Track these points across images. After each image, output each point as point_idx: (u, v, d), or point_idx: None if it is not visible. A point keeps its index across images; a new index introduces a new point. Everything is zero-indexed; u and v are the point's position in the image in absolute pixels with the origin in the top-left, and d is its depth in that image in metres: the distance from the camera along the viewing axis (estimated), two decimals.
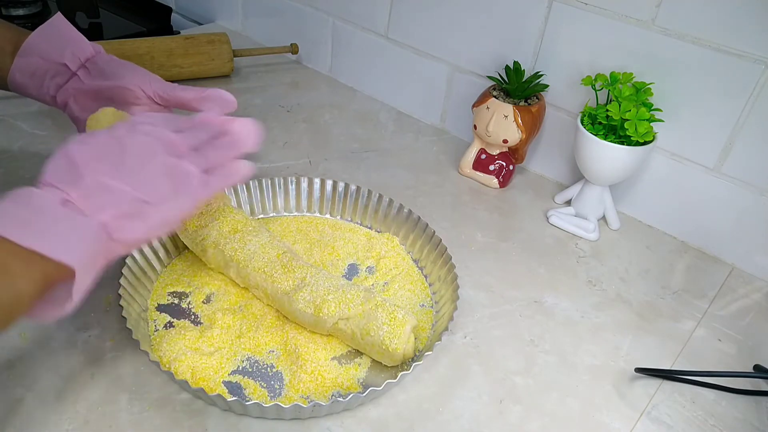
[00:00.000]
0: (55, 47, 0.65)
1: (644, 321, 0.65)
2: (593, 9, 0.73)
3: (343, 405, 0.50)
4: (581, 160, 0.73)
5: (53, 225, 0.41)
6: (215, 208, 0.62)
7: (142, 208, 0.45)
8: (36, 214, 0.41)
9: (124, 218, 0.44)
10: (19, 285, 0.39)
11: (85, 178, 0.44)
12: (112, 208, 0.44)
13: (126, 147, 0.46)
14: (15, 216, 0.41)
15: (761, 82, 0.65)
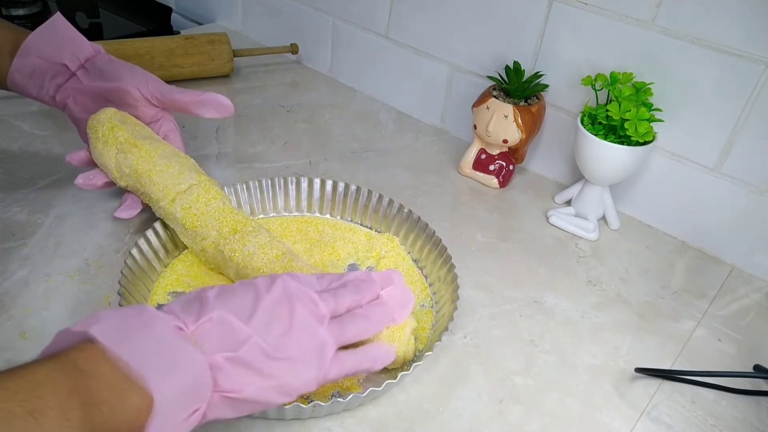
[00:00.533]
0: (55, 47, 0.65)
1: (644, 321, 0.65)
2: (593, 9, 0.73)
3: (343, 405, 0.50)
4: (581, 160, 0.73)
5: (153, 344, 0.36)
6: (215, 207, 0.62)
7: (261, 361, 0.39)
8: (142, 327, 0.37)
9: (238, 366, 0.39)
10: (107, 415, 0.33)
11: (209, 312, 0.39)
12: (228, 349, 0.39)
13: (262, 297, 0.42)
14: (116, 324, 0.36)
15: (761, 82, 0.65)
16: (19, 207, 0.69)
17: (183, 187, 0.62)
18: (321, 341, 0.43)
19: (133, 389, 0.35)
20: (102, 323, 0.36)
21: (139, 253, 0.60)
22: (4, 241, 0.64)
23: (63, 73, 0.66)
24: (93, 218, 0.69)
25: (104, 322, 0.36)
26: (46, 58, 0.65)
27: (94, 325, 0.36)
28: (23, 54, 0.64)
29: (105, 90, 0.65)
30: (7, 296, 0.58)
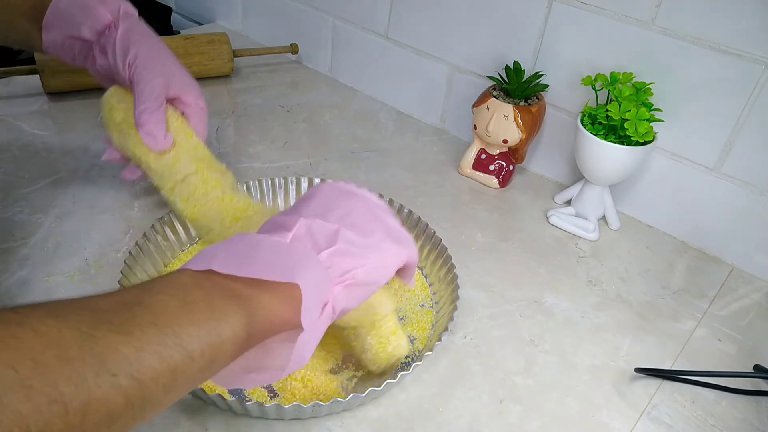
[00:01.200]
0: (71, 20, 0.61)
1: (644, 321, 0.65)
2: (593, 9, 0.73)
3: (343, 405, 0.50)
4: (581, 160, 0.73)
5: (275, 256, 0.39)
6: (214, 197, 0.61)
7: (356, 247, 0.44)
8: (255, 249, 0.39)
9: (341, 256, 0.42)
10: (221, 324, 0.35)
11: (298, 221, 0.43)
12: (328, 245, 0.42)
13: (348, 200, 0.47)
14: (232, 252, 0.39)
15: (761, 82, 0.65)
16: (19, 207, 0.69)
17: (179, 176, 0.61)
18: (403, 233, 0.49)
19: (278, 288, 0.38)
20: (219, 257, 0.38)
21: (139, 252, 0.60)
22: (4, 241, 0.64)
23: (87, 47, 0.63)
24: (93, 218, 0.69)
25: (220, 256, 0.38)
26: (67, 33, 0.62)
27: (214, 260, 0.38)
28: (47, 28, 0.62)
29: (111, 76, 0.63)
30: (7, 296, 0.58)
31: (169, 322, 0.32)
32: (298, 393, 0.52)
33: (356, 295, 0.45)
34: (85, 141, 0.81)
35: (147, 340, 0.31)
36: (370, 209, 0.48)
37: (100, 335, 0.29)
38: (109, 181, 0.75)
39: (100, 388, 0.28)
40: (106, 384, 0.28)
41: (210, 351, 0.34)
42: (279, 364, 0.40)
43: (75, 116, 0.86)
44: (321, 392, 0.53)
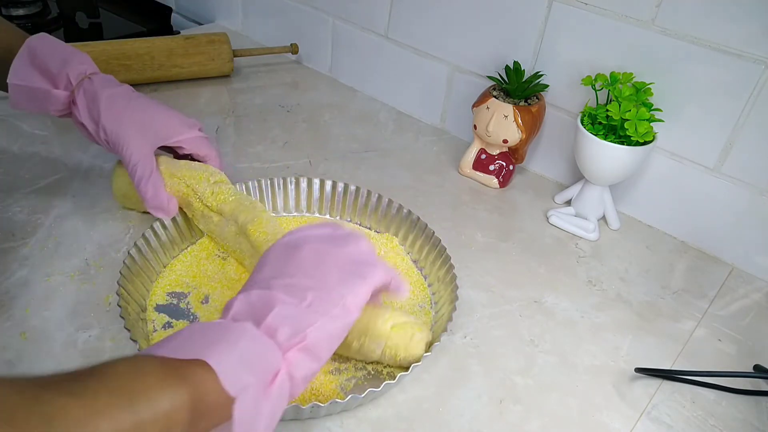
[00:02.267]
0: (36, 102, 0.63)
1: (644, 321, 0.65)
2: (593, 9, 0.73)
3: (342, 406, 0.50)
4: (581, 160, 0.73)
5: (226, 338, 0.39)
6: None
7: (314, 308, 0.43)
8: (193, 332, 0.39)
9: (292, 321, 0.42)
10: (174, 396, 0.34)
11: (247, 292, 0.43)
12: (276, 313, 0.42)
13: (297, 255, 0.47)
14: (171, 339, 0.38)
15: (761, 82, 0.65)
16: (19, 207, 0.69)
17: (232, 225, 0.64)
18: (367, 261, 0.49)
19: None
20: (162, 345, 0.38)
21: (138, 253, 0.60)
22: (4, 241, 0.64)
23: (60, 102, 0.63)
24: (93, 218, 0.69)
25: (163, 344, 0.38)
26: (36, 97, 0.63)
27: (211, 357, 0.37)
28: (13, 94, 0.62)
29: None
30: (7, 296, 0.58)
31: (122, 388, 0.32)
32: None
33: (318, 352, 0.43)
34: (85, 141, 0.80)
35: (99, 404, 0.30)
36: (318, 255, 0.47)
37: (49, 398, 0.29)
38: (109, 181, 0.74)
39: None
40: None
41: (163, 420, 0.33)
42: None
43: None
44: (320, 393, 0.53)
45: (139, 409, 0.32)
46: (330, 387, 0.53)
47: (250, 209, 0.62)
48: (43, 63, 0.62)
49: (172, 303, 0.60)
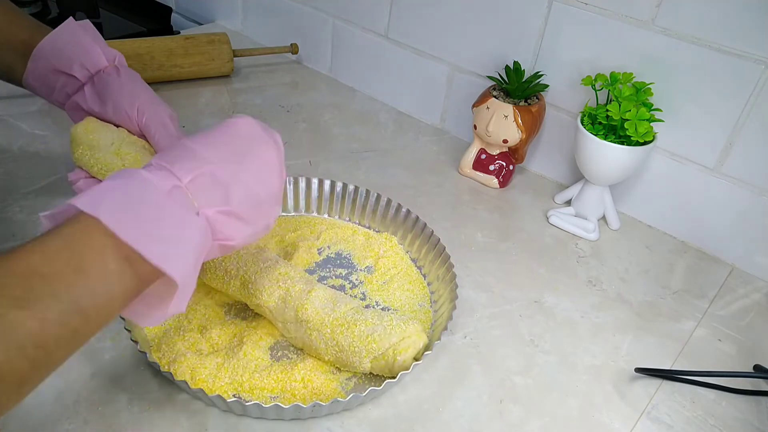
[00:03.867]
0: (65, 57, 0.63)
1: (644, 321, 0.65)
2: (593, 9, 0.73)
3: (343, 405, 0.50)
4: (581, 160, 0.73)
5: (159, 221, 0.38)
6: None
7: (247, 211, 0.44)
8: (141, 204, 0.38)
9: (230, 217, 0.43)
10: (113, 284, 0.36)
11: (201, 166, 0.42)
12: (221, 204, 0.42)
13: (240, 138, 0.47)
14: (119, 202, 0.38)
15: (761, 82, 0.65)
16: (19, 207, 0.69)
17: None
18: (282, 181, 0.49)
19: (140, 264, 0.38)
20: (106, 203, 0.37)
21: None
22: (4, 241, 0.64)
23: (72, 83, 0.64)
24: None
25: (107, 202, 0.37)
26: (56, 66, 0.63)
27: (102, 206, 0.37)
28: (35, 58, 0.62)
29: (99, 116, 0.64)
30: None
31: (67, 289, 0.34)
32: (298, 393, 0.52)
33: (227, 251, 0.45)
34: None
35: (49, 311, 0.33)
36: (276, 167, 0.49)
37: (3, 312, 0.32)
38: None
39: (8, 361, 0.31)
40: (14, 356, 0.31)
41: (105, 309, 0.37)
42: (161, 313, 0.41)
43: None
44: (321, 392, 0.53)
45: (84, 307, 0.35)
46: (331, 386, 0.53)
47: None
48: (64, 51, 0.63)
49: None
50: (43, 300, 0.33)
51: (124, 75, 0.64)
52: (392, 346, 0.52)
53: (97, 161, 0.63)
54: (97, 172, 0.64)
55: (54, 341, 0.34)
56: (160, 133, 0.62)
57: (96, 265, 0.36)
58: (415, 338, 0.53)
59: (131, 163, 0.62)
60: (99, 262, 0.36)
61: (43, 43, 0.62)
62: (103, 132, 0.63)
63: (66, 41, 0.63)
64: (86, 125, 0.64)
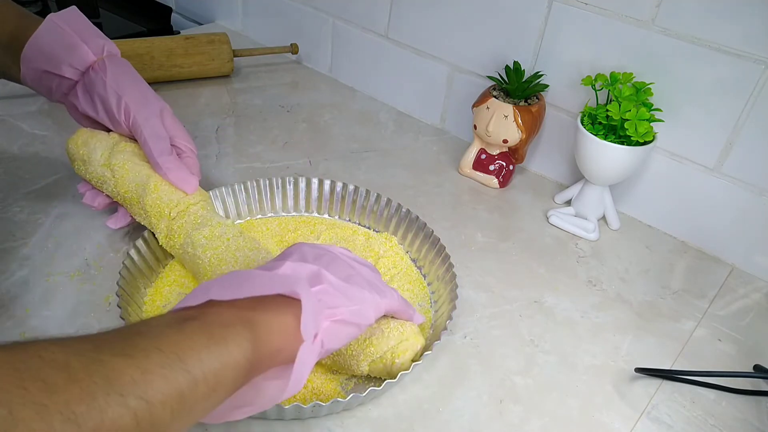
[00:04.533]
0: (51, 58, 0.60)
1: (644, 321, 0.65)
2: (593, 9, 0.73)
3: (343, 405, 0.50)
4: (581, 160, 0.73)
5: (269, 280, 0.41)
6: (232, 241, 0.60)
7: (343, 289, 0.46)
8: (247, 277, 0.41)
9: (331, 297, 0.44)
10: (223, 351, 0.35)
11: (322, 281, 0.45)
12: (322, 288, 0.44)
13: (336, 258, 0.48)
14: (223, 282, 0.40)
15: (761, 82, 0.65)
16: (19, 207, 0.69)
17: (182, 207, 0.61)
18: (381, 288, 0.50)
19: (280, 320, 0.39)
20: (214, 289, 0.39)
21: (138, 253, 0.60)
22: (4, 241, 0.64)
23: (66, 83, 0.62)
24: (93, 218, 0.69)
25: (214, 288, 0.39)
26: (46, 68, 0.60)
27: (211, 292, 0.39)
28: (25, 61, 0.60)
29: (90, 116, 0.63)
30: (7, 296, 0.58)
31: (172, 347, 0.33)
32: (298, 393, 0.52)
33: (341, 333, 0.45)
34: None
35: (152, 363, 0.31)
36: (347, 262, 0.49)
37: (106, 359, 0.30)
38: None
39: (111, 409, 0.28)
40: (117, 404, 0.28)
41: (213, 377, 0.34)
42: (268, 399, 0.40)
43: None
44: (321, 392, 0.53)
45: (190, 366, 0.33)
46: (331, 386, 0.53)
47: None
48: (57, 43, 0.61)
49: (172, 303, 0.60)
50: (147, 352, 0.31)
51: (111, 70, 0.61)
52: (390, 350, 0.51)
53: (91, 176, 0.63)
54: (95, 185, 0.64)
55: (159, 399, 0.30)
56: (147, 136, 0.60)
57: (201, 330, 0.35)
58: (413, 341, 0.52)
59: (120, 175, 0.61)
60: (203, 327, 0.35)
61: (27, 47, 0.60)
62: (92, 143, 0.63)
63: (49, 42, 0.60)
64: (76, 139, 0.64)
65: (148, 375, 0.30)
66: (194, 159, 0.65)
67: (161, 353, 0.32)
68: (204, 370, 0.33)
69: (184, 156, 0.64)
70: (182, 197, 0.61)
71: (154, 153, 0.60)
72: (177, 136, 0.64)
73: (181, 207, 0.61)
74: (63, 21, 0.61)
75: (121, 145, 0.63)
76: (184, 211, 0.61)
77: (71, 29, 0.61)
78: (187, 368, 0.32)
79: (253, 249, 0.59)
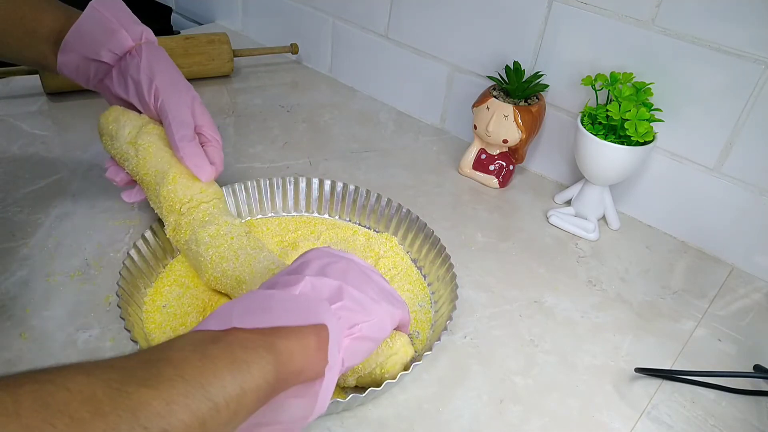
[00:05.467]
0: (91, 44, 0.61)
1: (644, 321, 0.65)
2: (593, 9, 0.73)
3: (343, 405, 0.50)
4: (581, 160, 0.73)
5: (292, 305, 0.41)
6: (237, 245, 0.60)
7: (363, 304, 0.46)
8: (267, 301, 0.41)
9: (350, 310, 0.45)
10: (245, 375, 0.35)
11: (343, 296, 0.45)
12: (343, 304, 0.44)
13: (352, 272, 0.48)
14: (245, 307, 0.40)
15: (761, 82, 0.65)
16: (19, 207, 0.69)
17: (194, 203, 0.61)
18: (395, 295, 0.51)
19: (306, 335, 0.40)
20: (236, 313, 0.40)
21: (138, 253, 0.60)
22: (4, 241, 0.64)
23: (103, 69, 0.63)
24: (93, 218, 0.69)
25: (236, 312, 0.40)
26: (85, 54, 0.61)
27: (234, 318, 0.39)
28: (64, 50, 0.61)
29: (127, 102, 0.64)
30: (7, 296, 0.58)
31: (195, 375, 0.33)
32: None
33: (360, 349, 0.46)
34: (85, 141, 0.81)
35: (175, 393, 0.31)
36: (363, 271, 0.49)
37: (131, 390, 0.30)
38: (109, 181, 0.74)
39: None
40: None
41: (234, 403, 0.34)
42: (291, 417, 0.40)
43: (75, 116, 0.86)
44: None
45: (212, 394, 0.33)
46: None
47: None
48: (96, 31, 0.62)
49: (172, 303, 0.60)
50: (171, 382, 0.32)
51: (146, 55, 0.62)
52: (379, 365, 0.51)
53: (116, 151, 0.63)
54: (118, 161, 0.64)
55: (181, 429, 0.31)
56: (172, 120, 0.61)
57: (223, 355, 0.35)
58: (403, 353, 0.52)
59: (143, 156, 0.61)
60: (226, 352, 0.36)
61: (69, 35, 0.61)
62: (123, 120, 0.63)
63: (90, 28, 0.61)
64: (108, 115, 0.64)
65: (172, 406, 0.31)
66: (218, 150, 0.65)
67: (185, 383, 0.32)
68: (226, 397, 0.34)
69: (208, 145, 0.64)
70: (196, 193, 0.61)
71: (175, 136, 0.61)
72: (204, 126, 0.64)
73: (193, 203, 0.61)
74: (104, 7, 0.62)
75: (149, 127, 0.63)
76: (194, 207, 0.61)
77: (111, 15, 0.62)
78: (209, 396, 0.33)
79: (256, 248, 0.59)
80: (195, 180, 0.62)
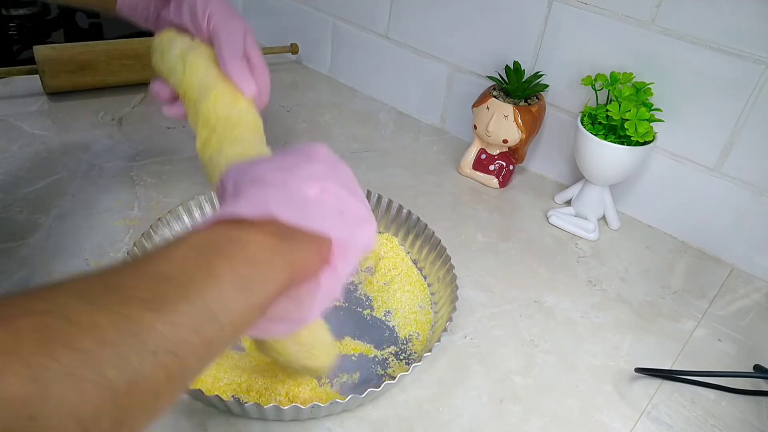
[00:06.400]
0: None
1: (644, 321, 0.65)
2: (593, 9, 0.73)
3: (342, 406, 0.50)
4: (581, 160, 0.73)
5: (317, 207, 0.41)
6: None
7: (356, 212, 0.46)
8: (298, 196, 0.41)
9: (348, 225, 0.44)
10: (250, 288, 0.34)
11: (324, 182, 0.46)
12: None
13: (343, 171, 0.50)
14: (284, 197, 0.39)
15: (761, 82, 0.65)
16: (19, 207, 0.69)
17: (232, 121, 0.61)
18: None
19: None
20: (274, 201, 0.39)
21: (138, 253, 0.60)
22: (4, 241, 0.64)
23: (161, 3, 0.64)
24: (93, 218, 0.69)
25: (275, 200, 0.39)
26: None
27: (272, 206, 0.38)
28: None
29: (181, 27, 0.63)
30: None
31: (201, 297, 0.32)
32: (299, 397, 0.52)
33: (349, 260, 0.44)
34: (85, 141, 0.81)
35: (181, 315, 0.31)
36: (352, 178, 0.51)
37: (135, 314, 0.29)
38: (109, 181, 0.75)
39: (143, 368, 0.28)
40: (148, 363, 0.28)
41: (240, 320, 0.34)
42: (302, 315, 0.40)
43: (75, 116, 0.86)
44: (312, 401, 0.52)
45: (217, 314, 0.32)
46: (328, 390, 0.53)
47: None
48: None
49: None
50: (174, 303, 0.31)
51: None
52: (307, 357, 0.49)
53: (164, 65, 0.63)
54: (164, 75, 0.63)
55: (189, 350, 0.31)
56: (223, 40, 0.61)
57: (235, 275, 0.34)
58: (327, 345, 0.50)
59: (190, 70, 0.61)
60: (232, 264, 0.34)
61: None
62: (177, 40, 0.63)
63: None
64: (163, 35, 0.64)
65: (177, 329, 0.30)
66: (265, 75, 0.66)
67: (190, 305, 0.31)
68: (233, 317, 0.33)
69: (256, 71, 0.65)
70: (234, 114, 0.61)
71: (225, 54, 0.61)
72: (253, 55, 0.64)
73: (229, 123, 0.60)
74: None
75: (201, 48, 0.62)
76: (229, 127, 0.61)
77: None
78: (216, 317, 0.32)
79: None
80: (237, 102, 0.61)
